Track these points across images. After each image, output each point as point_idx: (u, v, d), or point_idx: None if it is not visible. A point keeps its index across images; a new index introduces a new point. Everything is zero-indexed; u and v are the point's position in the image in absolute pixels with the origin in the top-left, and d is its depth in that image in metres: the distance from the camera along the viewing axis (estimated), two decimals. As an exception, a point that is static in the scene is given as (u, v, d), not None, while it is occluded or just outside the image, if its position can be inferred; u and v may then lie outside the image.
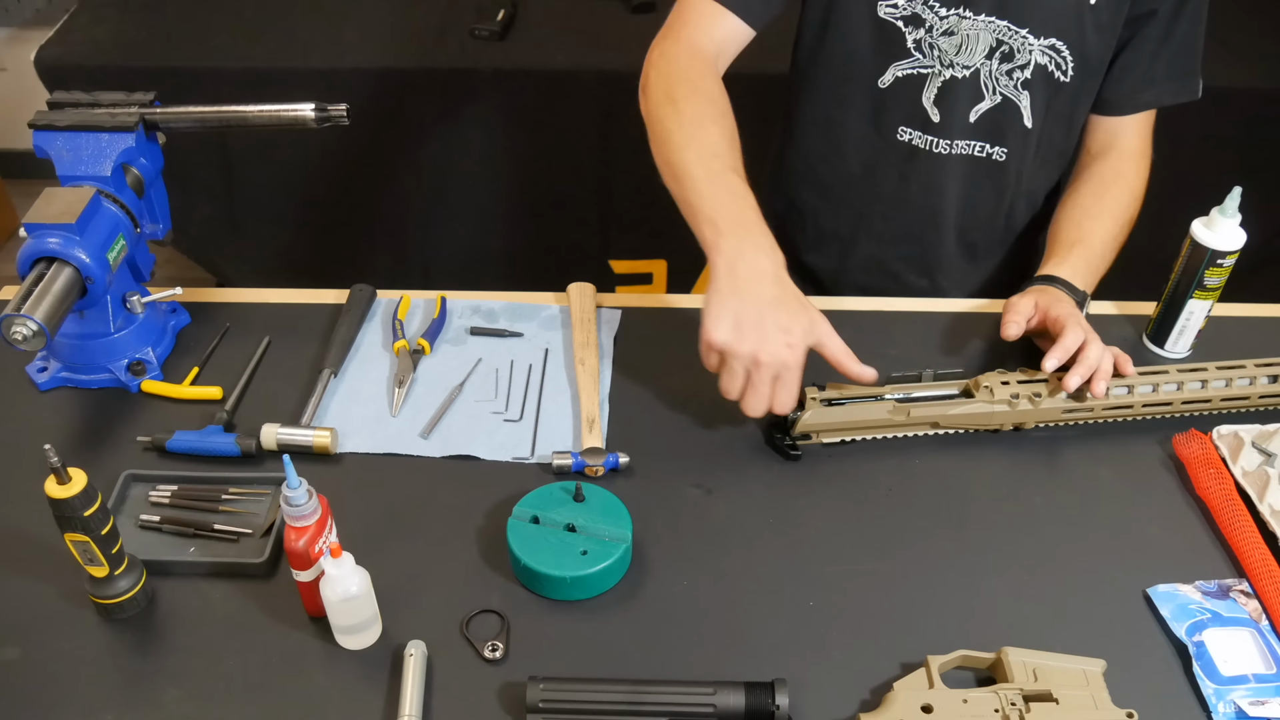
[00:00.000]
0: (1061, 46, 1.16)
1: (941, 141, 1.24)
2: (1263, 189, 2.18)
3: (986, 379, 1.06)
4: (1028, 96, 1.20)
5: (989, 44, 1.16)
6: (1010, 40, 1.15)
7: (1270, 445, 1.04)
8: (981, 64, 1.18)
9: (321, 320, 1.22)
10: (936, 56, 1.18)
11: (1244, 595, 0.92)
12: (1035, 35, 1.15)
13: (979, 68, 1.18)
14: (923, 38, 1.17)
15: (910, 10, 1.16)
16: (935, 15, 1.15)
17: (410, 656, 0.86)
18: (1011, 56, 1.16)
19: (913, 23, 1.17)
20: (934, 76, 1.19)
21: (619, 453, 1.03)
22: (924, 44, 1.17)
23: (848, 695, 0.86)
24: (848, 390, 1.04)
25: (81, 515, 0.83)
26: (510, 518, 0.95)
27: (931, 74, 1.19)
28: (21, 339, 0.97)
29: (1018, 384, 1.06)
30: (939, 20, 1.15)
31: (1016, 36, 1.15)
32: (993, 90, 1.19)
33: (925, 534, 0.99)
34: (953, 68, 1.18)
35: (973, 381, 1.06)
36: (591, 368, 1.13)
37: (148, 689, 0.86)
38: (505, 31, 2.12)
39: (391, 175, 2.22)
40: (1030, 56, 1.16)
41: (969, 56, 1.17)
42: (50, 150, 1.10)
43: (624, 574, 0.95)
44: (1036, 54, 1.16)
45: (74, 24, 2.15)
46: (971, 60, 1.17)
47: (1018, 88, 1.19)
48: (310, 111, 1.14)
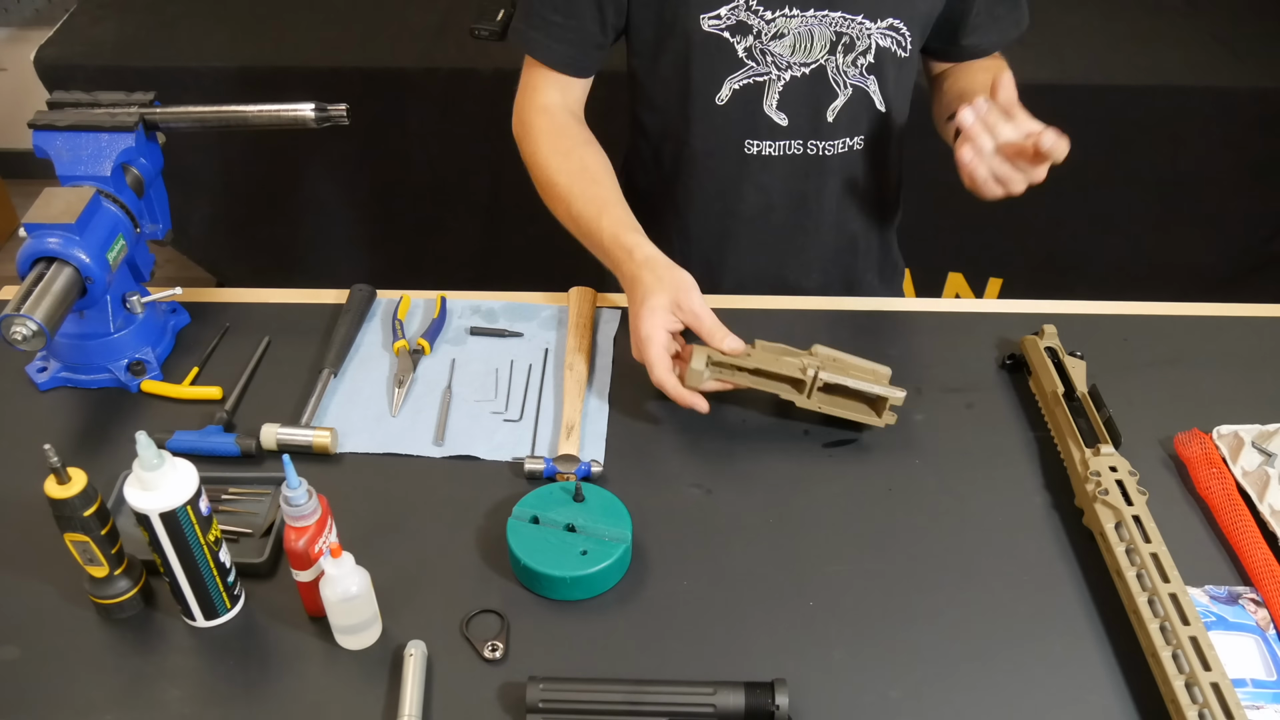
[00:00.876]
0: (900, 24, 1.14)
1: (793, 144, 1.21)
2: (1263, 189, 2.19)
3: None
4: (875, 81, 1.18)
5: (828, 39, 1.13)
6: (848, 30, 1.12)
7: (1270, 445, 1.04)
8: (825, 59, 1.15)
9: (321, 320, 1.22)
10: (771, 62, 1.14)
11: (1253, 603, 0.92)
12: (872, 19, 1.12)
13: (823, 64, 1.15)
14: (753, 45, 1.13)
15: (734, 19, 1.11)
16: (761, 20, 1.11)
17: (410, 656, 0.86)
18: (853, 46, 1.13)
19: (739, 31, 1.12)
20: (773, 82, 1.16)
21: (592, 461, 1.03)
22: (755, 51, 1.14)
23: (848, 695, 0.86)
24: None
25: (81, 515, 0.83)
26: (510, 518, 0.95)
27: (769, 80, 1.16)
28: (21, 339, 0.97)
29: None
30: (766, 24, 1.11)
31: (854, 25, 1.12)
32: (844, 85, 1.16)
33: (925, 534, 0.99)
34: (791, 69, 1.15)
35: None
36: (579, 374, 1.13)
37: (148, 689, 0.86)
38: (505, 31, 2.12)
39: (391, 175, 2.22)
40: (871, 41, 1.13)
41: (806, 54, 1.14)
42: (50, 150, 1.10)
43: (624, 574, 0.95)
44: (877, 37, 1.13)
45: (74, 24, 2.15)
46: (811, 57, 1.14)
47: (863, 74, 1.17)
48: (310, 111, 1.14)
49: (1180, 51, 2.17)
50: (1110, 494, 0.96)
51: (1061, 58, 2.13)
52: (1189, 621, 0.85)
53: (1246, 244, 2.27)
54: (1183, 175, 2.18)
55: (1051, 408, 1.09)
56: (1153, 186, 2.19)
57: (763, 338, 1.08)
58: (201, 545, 0.85)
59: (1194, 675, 0.82)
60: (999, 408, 1.13)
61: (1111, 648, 0.89)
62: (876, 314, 1.25)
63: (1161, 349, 1.20)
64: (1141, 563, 0.90)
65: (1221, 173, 2.17)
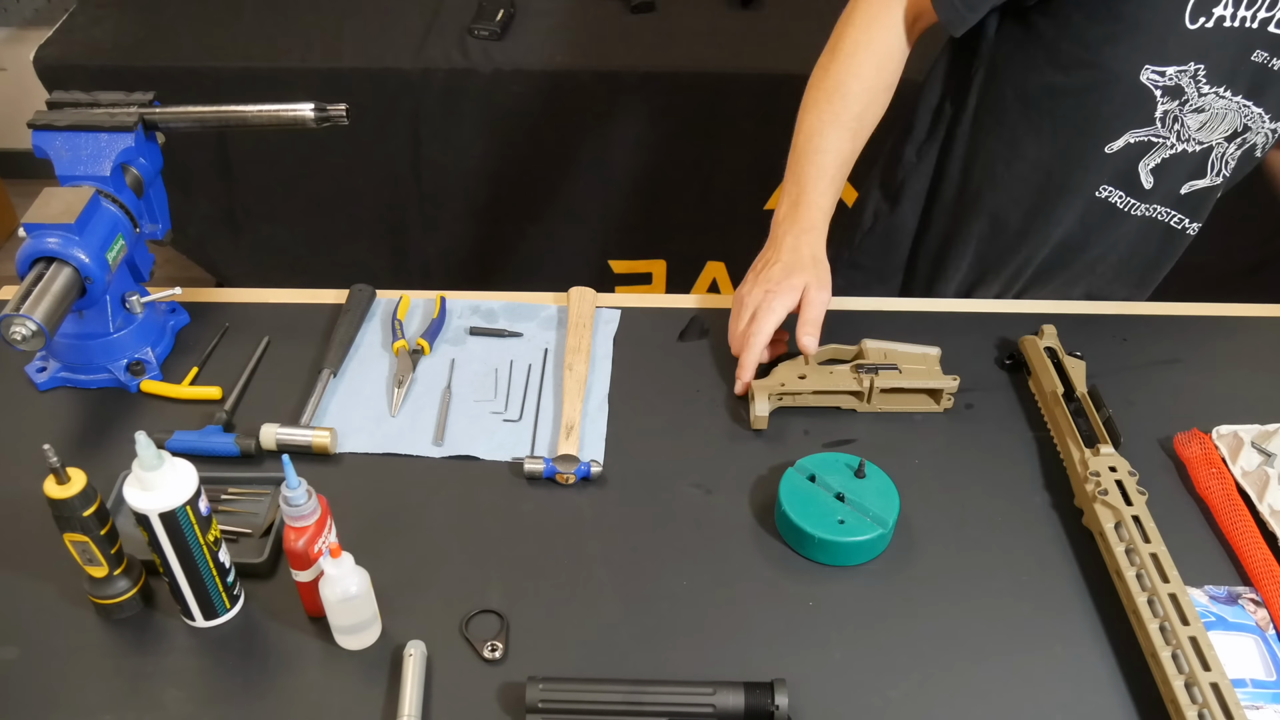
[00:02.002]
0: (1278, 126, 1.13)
1: (1141, 206, 1.20)
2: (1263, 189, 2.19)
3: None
4: (1232, 170, 1.18)
5: (1234, 126, 1.12)
6: (1254, 124, 1.12)
7: (1269, 445, 1.04)
8: (1217, 143, 1.14)
9: (321, 320, 1.22)
10: (1176, 130, 1.12)
11: (1252, 603, 0.92)
12: (1270, 118, 1.12)
13: (1213, 146, 1.14)
14: (1171, 109, 1.10)
15: (1174, 81, 1.08)
16: (1196, 90, 1.09)
17: (410, 656, 0.86)
18: (1247, 139, 1.13)
19: (1170, 93, 1.09)
20: (1162, 147, 1.14)
21: (592, 461, 1.03)
22: (1169, 117, 1.11)
23: (848, 695, 0.86)
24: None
25: (81, 515, 0.83)
26: (790, 469, 1.00)
27: (1161, 145, 1.14)
28: (21, 339, 0.97)
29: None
30: (1197, 96, 1.09)
31: (1259, 121, 1.11)
32: (1218, 171, 1.16)
33: (925, 534, 0.99)
34: (1188, 143, 1.13)
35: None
36: (579, 374, 1.13)
37: (147, 689, 0.86)
38: (505, 31, 2.12)
39: (391, 175, 2.22)
40: (1258, 140, 1.13)
41: (1208, 134, 1.13)
42: (49, 150, 1.09)
43: (873, 556, 0.97)
44: (1260, 135, 1.13)
45: (73, 24, 2.15)
46: (1209, 138, 1.13)
47: (1232, 166, 1.17)
48: (310, 111, 1.14)
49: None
50: (1110, 494, 0.96)
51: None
52: (1188, 621, 0.85)
53: (1246, 244, 2.27)
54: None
55: (1051, 408, 1.09)
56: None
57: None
58: (201, 545, 0.85)
59: (1194, 675, 0.82)
60: (999, 408, 1.13)
61: (1111, 648, 0.89)
62: (877, 314, 1.25)
63: (1161, 349, 1.20)
64: (1141, 563, 0.90)
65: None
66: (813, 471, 0.99)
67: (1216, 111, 1.10)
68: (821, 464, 1.00)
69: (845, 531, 0.95)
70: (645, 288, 2.39)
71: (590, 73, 2.05)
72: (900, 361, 1.11)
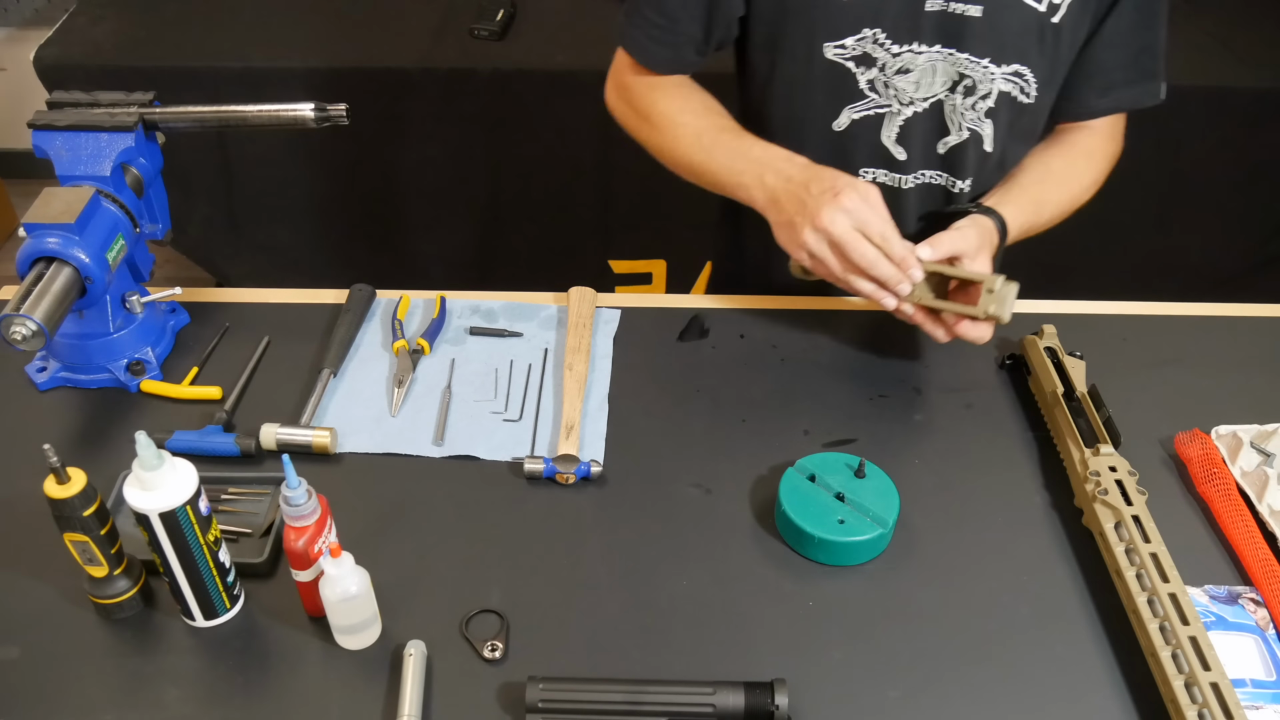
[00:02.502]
0: (1025, 71, 1.12)
1: (908, 178, 1.19)
2: (1263, 189, 2.19)
3: None
4: (990, 125, 1.16)
5: (950, 77, 1.11)
6: (971, 72, 1.10)
7: (1269, 445, 1.04)
8: (945, 97, 1.13)
9: (321, 320, 1.22)
10: (893, 95, 1.13)
11: (1253, 603, 0.92)
12: (997, 64, 1.10)
13: (941, 100, 1.13)
14: (876, 77, 1.11)
15: (860, 50, 1.10)
16: (887, 53, 1.09)
17: (410, 656, 0.86)
18: (974, 89, 1.12)
19: (864, 62, 1.11)
20: (893, 116, 1.14)
21: (592, 461, 1.03)
22: (878, 83, 1.12)
23: (848, 695, 0.86)
24: None
25: (81, 515, 0.83)
26: (790, 468, 1.00)
27: (889, 113, 1.14)
28: (21, 339, 0.97)
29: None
30: (891, 58, 1.09)
31: (977, 68, 1.10)
32: (958, 125, 1.15)
33: (925, 534, 0.99)
34: (913, 104, 1.13)
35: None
36: (579, 374, 1.13)
37: (148, 689, 0.86)
38: (505, 31, 2.12)
39: (391, 175, 2.22)
40: (993, 86, 1.12)
41: (929, 90, 1.12)
42: (49, 150, 1.10)
43: (873, 556, 0.96)
44: (1000, 83, 1.12)
45: (73, 24, 2.15)
46: (932, 93, 1.12)
47: (981, 118, 1.15)
48: (310, 111, 1.14)
49: (1179, 51, 2.16)
50: (1110, 494, 0.96)
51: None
52: (1188, 621, 0.85)
53: (1246, 244, 2.27)
54: (1182, 175, 2.18)
55: (1051, 408, 1.09)
56: (1152, 186, 2.19)
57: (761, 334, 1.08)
58: (201, 545, 0.85)
59: (1193, 675, 0.82)
60: (999, 408, 1.13)
61: (1111, 648, 0.89)
62: (877, 314, 1.25)
63: (1161, 349, 1.20)
64: (1141, 562, 0.90)
65: (1221, 173, 2.17)
66: (813, 471, 0.99)
67: (922, 67, 1.10)
68: (821, 464, 1.00)
69: (845, 531, 0.95)
70: (645, 288, 2.39)
71: (590, 73, 2.04)
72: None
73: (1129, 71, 1.16)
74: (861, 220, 1.01)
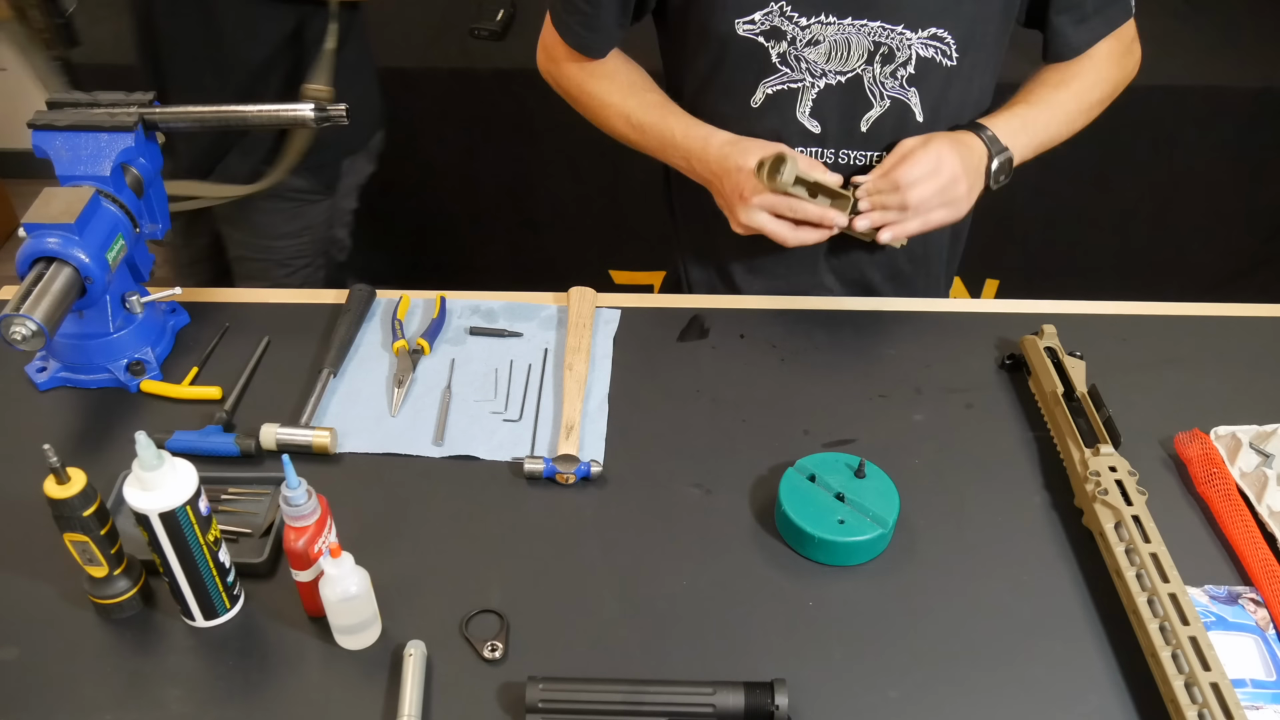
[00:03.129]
0: (943, 33, 1.10)
1: (826, 152, 1.19)
2: (1262, 189, 2.19)
3: None
4: (916, 94, 1.15)
5: (866, 48, 1.10)
6: (887, 40, 1.10)
7: (1268, 446, 1.04)
8: (862, 70, 1.12)
9: (321, 320, 1.22)
10: (805, 69, 1.12)
11: (1253, 603, 0.92)
12: (913, 29, 1.09)
13: (859, 73, 1.13)
14: (787, 51, 1.11)
15: (768, 24, 1.10)
16: (795, 26, 1.09)
17: (410, 656, 0.86)
18: (892, 57, 1.11)
19: (773, 36, 1.11)
20: (806, 90, 1.14)
21: (592, 461, 1.03)
22: (789, 57, 1.12)
23: (848, 695, 0.86)
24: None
25: (81, 515, 0.83)
26: (790, 468, 1.00)
27: (803, 87, 1.14)
28: (21, 339, 0.97)
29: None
30: (800, 31, 1.09)
31: (893, 35, 1.10)
32: (880, 96, 1.14)
33: (925, 534, 0.99)
34: (826, 76, 1.13)
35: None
36: (579, 374, 1.13)
37: (147, 689, 0.86)
38: (505, 31, 2.12)
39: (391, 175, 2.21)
40: (911, 52, 1.11)
41: (843, 63, 1.12)
42: (49, 150, 1.10)
43: (873, 556, 0.96)
44: (918, 48, 1.11)
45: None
46: (848, 66, 1.12)
47: (904, 86, 1.14)
48: (309, 111, 1.14)
49: (1179, 51, 2.17)
50: (1110, 494, 0.96)
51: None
52: (1188, 621, 0.85)
53: (1246, 244, 2.27)
54: (1182, 175, 2.18)
55: (1051, 408, 1.09)
56: (1151, 186, 2.19)
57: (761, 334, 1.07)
58: (201, 545, 0.85)
59: (1194, 675, 0.82)
60: (999, 408, 1.13)
61: (1111, 648, 0.89)
62: (877, 314, 1.25)
63: (1161, 349, 1.20)
64: (1141, 563, 0.90)
65: (1221, 173, 2.17)
66: (813, 471, 0.99)
67: (833, 39, 1.10)
68: (821, 464, 1.00)
69: (845, 531, 0.95)
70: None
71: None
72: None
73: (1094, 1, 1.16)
74: (771, 205, 1.10)
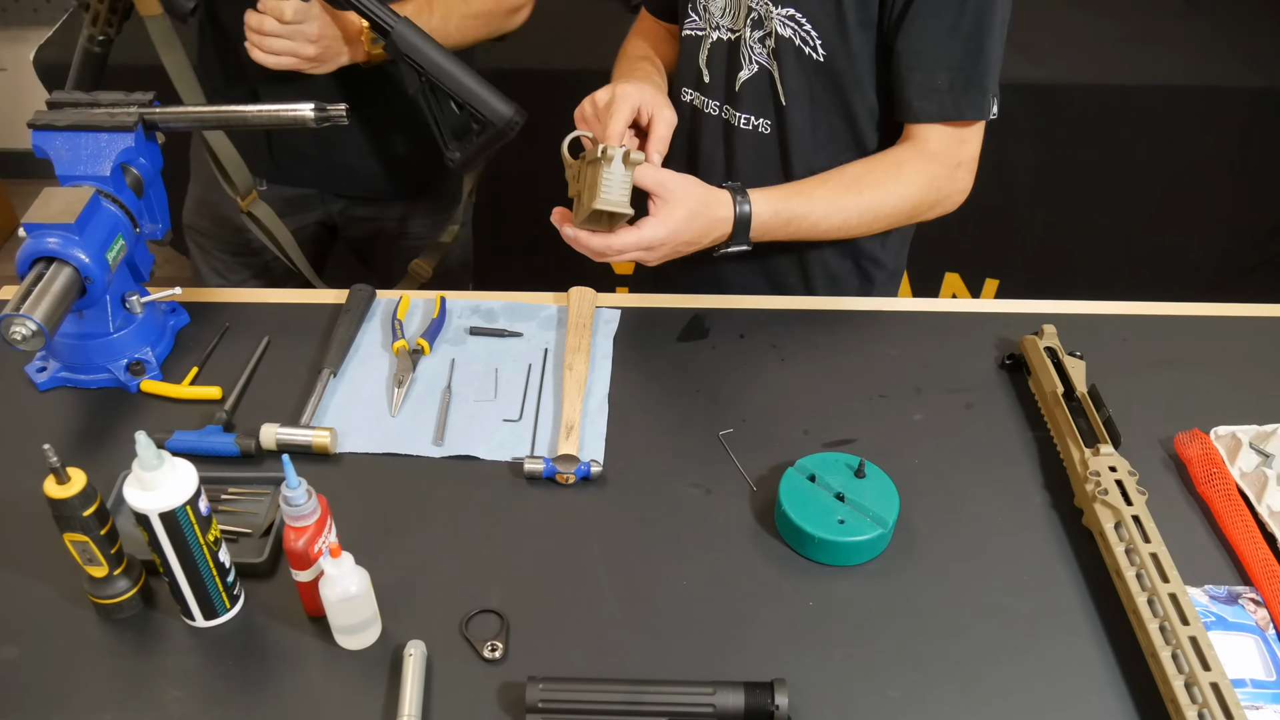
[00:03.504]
0: (801, 19, 1.11)
1: (711, 103, 1.24)
2: (1262, 189, 2.19)
3: None
4: (777, 67, 1.15)
5: (745, 10, 1.16)
6: (759, 8, 1.14)
7: (1268, 446, 1.04)
8: (742, 31, 1.17)
9: (321, 320, 1.22)
10: (707, 19, 1.20)
11: (1253, 603, 0.92)
12: (775, 4, 1.12)
13: (740, 34, 1.18)
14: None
15: None
16: None
17: (410, 656, 0.86)
18: (761, 24, 1.15)
19: None
20: (704, 38, 1.22)
21: (592, 461, 1.03)
22: (698, 5, 1.21)
23: (848, 695, 0.86)
24: None
25: (81, 515, 0.83)
26: (790, 468, 1.00)
27: (704, 36, 1.22)
28: (21, 339, 0.97)
29: None
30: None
31: (763, 4, 1.13)
32: (749, 59, 1.18)
33: (925, 534, 0.99)
34: (719, 30, 1.19)
35: None
36: (579, 374, 1.13)
37: (147, 689, 0.86)
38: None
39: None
40: (773, 26, 1.14)
41: (732, 21, 1.18)
42: (49, 150, 1.09)
43: (873, 556, 0.96)
44: (778, 24, 1.13)
45: (73, 24, 2.14)
46: (734, 25, 1.18)
47: (770, 56, 1.16)
48: (310, 111, 1.14)
49: (1178, 51, 2.17)
50: (1110, 494, 0.96)
51: (1061, 57, 2.13)
52: (1188, 621, 0.85)
53: (1246, 244, 2.27)
54: (1180, 175, 2.18)
55: (1051, 408, 1.09)
56: (1150, 186, 2.19)
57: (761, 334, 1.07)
58: (201, 545, 0.85)
59: (1193, 675, 0.82)
60: (999, 408, 1.13)
61: (1111, 648, 0.89)
62: (877, 314, 1.25)
63: (1161, 349, 1.20)
64: (1141, 562, 0.90)
65: (1220, 173, 2.17)
66: (813, 471, 0.99)
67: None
68: (821, 464, 1.00)
69: (845, 531, 0.95)
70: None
71: (590, 73, 2.04)
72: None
73: (955, 75, 1.09)
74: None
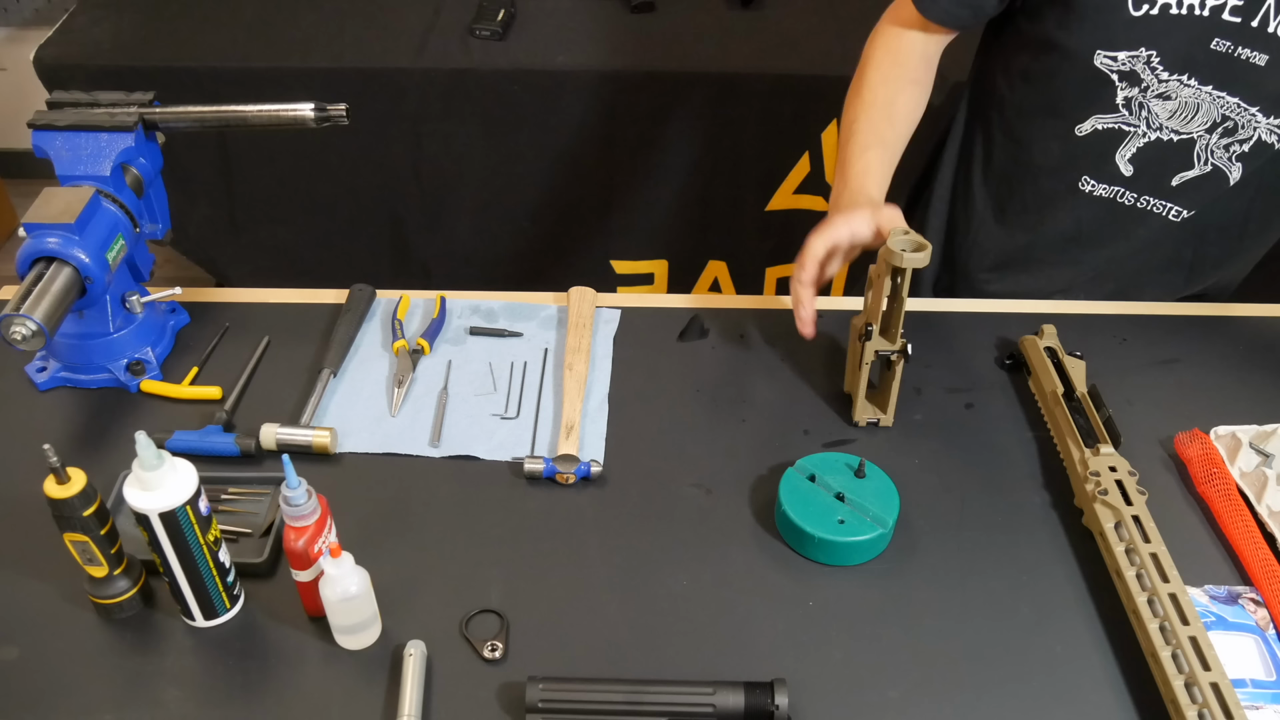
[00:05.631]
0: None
1: (1127, 194, 1.20)
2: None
3: None
4: (1240, 168, 1.15)
5: (1213, 118, 1.11)
6: (1237, 117, 1.10)
7: (1268, 446, 1.04)
8: (1199, 135, 1.13)
9: (321, 320, 1.22)
10: (1144, 118, 1.13)
11: (1253, 603, 0.92)
12: (1266, 114, 1.09)
13: (1195, 138, 1.13)
14: (1134, 96, 1.12)
15: (1129, 67, 1.10)
16: (1154, 77, 1.09)
17: (410, 656, 0.86)
18: (1234, 132, 1.11)
19: (1128, 79, 1.11)
20: (1135, 136, 1.15)
21: (592, 461, 1.03)
22: (1134, 102, 1.12)
23: (848, 695, 0.86)
24: None
25: (81, 515, 0.83)
26: (790, 468, 1.00)
27: (1134, 133, 1.15)
28: (21, 339, 0.97)
29: None
30: (1157, 83, 1.10)
31: (1244, 114, 1.09)
32: (1204, 161, 1.14)
33: (925, 534, 0.99)
34: (1161, 131, 1.13)
35: None
36: (579, 374, 1.13)
37: (147, 689, 0.86)
38: (505, 31, 2.12)
39: (391, 175, 2.22)
40: (1255, 133, 1.11)
41: (1183, 124, 1.12)
42: (49, 150, 1.10)
43: (873, 556, 0.96)
44: (1262, 132, 1.11)
45: (73, 24, 2.15)
46: (1187, 129, 1.12)
47: (1231, 160, 1.14)
48: (310, 111, 1.14)
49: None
50: (1110, 494, 0.96)
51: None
52: (1188, 621, 0.85)
53: (1246, 244, 2.26)
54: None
55: (1051, 407, 1.09)
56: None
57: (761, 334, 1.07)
58: (201, 545, 0.85)
59: (1194, 675, 0.82)
60: (999, 408, 1.13)
61: (1111, 648, 0.89)
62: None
63: (1161, 349, 1.20)
64: (1141, 563, 0.90)
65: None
66: (813, 471, 0.99)
67: (1186, 100, 1.10)
68: (821, 464, 1.00)
69: (845, 531, 0.95)
70: (647, 288, 2.39)
71: (591, 73, 2.05)
72: None
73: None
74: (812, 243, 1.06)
